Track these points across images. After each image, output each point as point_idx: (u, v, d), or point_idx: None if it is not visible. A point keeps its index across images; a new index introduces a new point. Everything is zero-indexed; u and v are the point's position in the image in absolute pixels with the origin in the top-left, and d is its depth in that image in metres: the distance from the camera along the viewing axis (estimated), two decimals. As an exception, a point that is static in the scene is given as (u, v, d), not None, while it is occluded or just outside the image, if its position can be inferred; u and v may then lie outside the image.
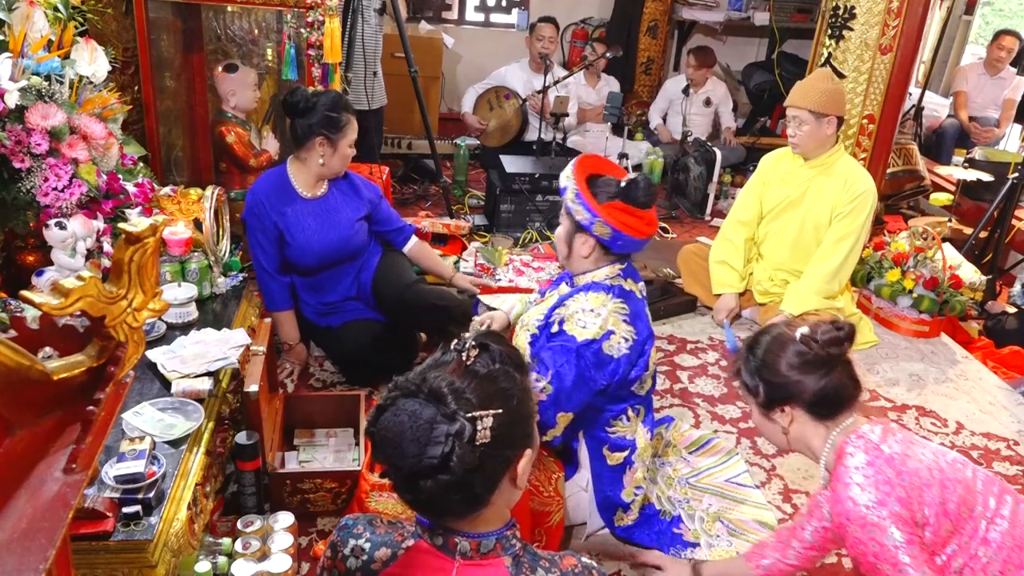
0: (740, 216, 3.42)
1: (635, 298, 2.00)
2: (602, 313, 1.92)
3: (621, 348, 1.92)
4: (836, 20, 3.57)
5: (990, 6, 7.67)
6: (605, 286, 1.97)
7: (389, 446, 1.05)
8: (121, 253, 1.05)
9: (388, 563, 1.13)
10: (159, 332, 2.06)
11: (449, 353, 1.12)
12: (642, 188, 1.93)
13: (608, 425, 2.03)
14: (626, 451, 2.06)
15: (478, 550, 1.11)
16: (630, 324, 1.94)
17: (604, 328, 1.91)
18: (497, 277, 3.49)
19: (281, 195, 2.56)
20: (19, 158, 1.88)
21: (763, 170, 3.41)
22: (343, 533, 1.19)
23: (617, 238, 1.93)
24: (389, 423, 1.05)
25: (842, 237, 3.17)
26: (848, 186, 3.16)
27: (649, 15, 6.12)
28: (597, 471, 2.07)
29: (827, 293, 3.20)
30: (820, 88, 3.08)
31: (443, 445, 1.02)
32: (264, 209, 2.53)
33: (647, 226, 1.96)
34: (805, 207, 3.25)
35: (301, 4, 2.82)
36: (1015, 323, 3.52)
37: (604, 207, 1.91)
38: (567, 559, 1.16)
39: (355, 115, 2.58)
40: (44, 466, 0.93)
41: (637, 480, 2.10)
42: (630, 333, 1.94)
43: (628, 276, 2.02)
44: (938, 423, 2.86)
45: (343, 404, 2.41)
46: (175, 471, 1.61)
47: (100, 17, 2.62)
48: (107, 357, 1.02)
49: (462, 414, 1.03)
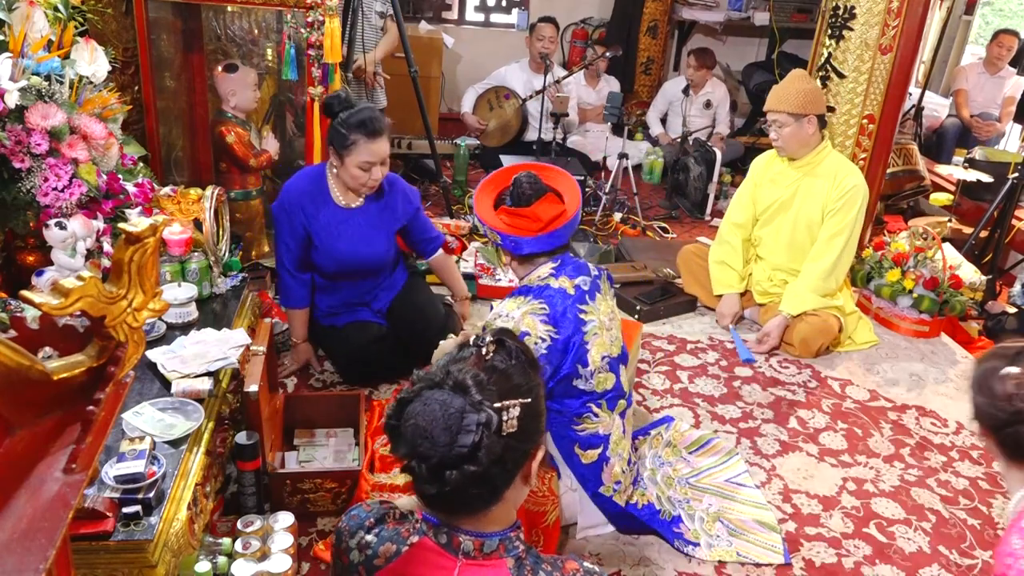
0: (735, 219, 3.43)
1: (563, 295, 1.98)
2: (515, 316, 1.94)
3: (538, 348, 1.92)
4: (836, 20, 3.57)
5: (990, 6, 7.67)
6: (527, 288, 2.00)
7: (420, 435, 1.05)
8: (121, 253, 1.05)
9: (391, 559, 1.13)
10: (159, 332, 2.06)
11: (468, 349, 1.14)
12: (524, 187, 1.98)
13: (574, 424, 2.03)
14: (599, 447, 2.05)
15: (481, 550, 1.11)
16: (549, 324, 1.94)
17: (517, 330, 1.91)
18: (497, 277, 3.49)
19: (314, 197, 2.56)
20: (19, 158, 1.88)
21: (754, 172, 3.42)
22: (352, 523, 1.19)
23: (508, 240, 1.99)
24: (419, 412, 1.06)
25: (835, 234, 3.18)
26: (837, 182, 3.17)
27: (649, 15, 6.11)
28: (575, 470, 2.07)
29: (824, 291, 3.20)
30: (795, 89, 3.11)
31: (474, 434, 1.04)
32: (295, 208, 2.53)
33: (534, 222, 1.98)
34: (796, 208, 3.26)
35: (301, 4, 2.82)
36: (1015, 323, 3.52)
37: (494, 215, 1.98)
38: (569, 563, 1.16)
39: (379, 136, 2.44)
40: (44, 466, 0.93)
41: (616, 475, 2.09)
42: (548, 332, 1.94)
43: (561, 273, 2.01)
44: (938, 423, 2.86)
45: (343, 404, 2.41)
46: (175, 471, 1.61)
47: (100, 17, 2.62)
48: (107, 357, 1.02)
49: (488, 404, 1.05)
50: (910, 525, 2.34)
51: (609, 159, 4.86)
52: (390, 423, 1.10)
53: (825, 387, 3.03)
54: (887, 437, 2.75)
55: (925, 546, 2.26)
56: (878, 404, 2.95)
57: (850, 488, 2.47)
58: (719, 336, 3.33)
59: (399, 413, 1.09)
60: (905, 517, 2.37)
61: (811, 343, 3.16)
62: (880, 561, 2.19)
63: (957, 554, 2.24)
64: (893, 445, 2.71)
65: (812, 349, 3.18)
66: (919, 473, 2.57)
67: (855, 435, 2.74)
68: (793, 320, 3.19)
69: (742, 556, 2.14)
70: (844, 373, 3.14)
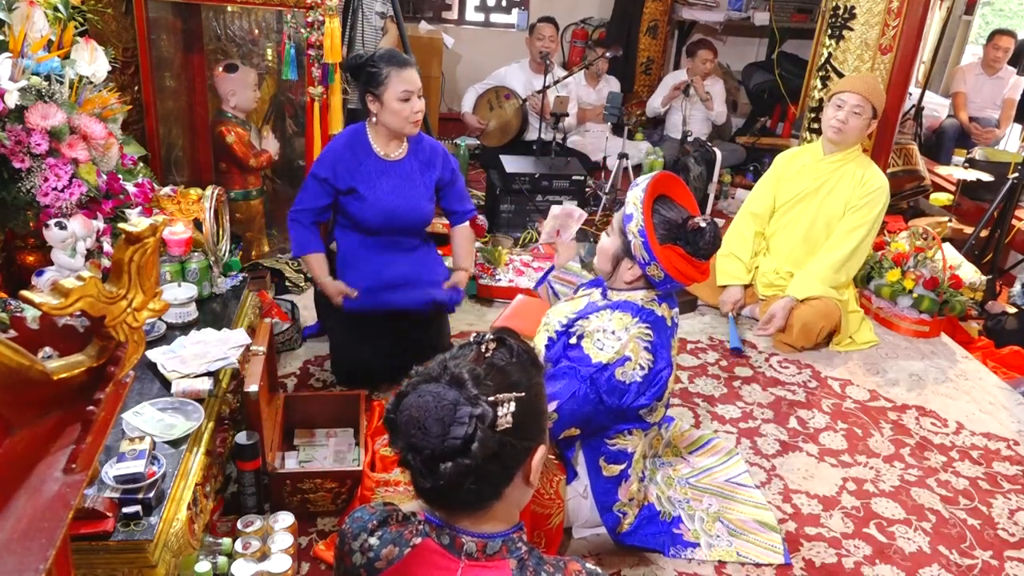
0: (753, 208, 3.45)
1: (663, 326, 1.94)
2: (622, 337, 1.88)
3: (635, 376, 1.87)
4: (836, 20, 3.57)
5: (990, 6, 7.66)
6: (636, 307, 1.93)
7: (413, 426, 1.05)
8: (121, 253, 1.05)
9: (393, 561, 1.13)
10: (159, 332, 2.06)
11: (469, 345, 1.14)
12: (708, 240, 1.86)
13: (608, 438, 2.01)
14: (623, 464, 2.04)
15: (484, 551, 1.11)
16: (650, 353, 1.89)
17: (621, 353, 1.87)
18: (497, 277, 3.49)
19: (355, 151, 2.57)
20: (19, 158, 1.88)
21: (778, 166, 3.43)
22: (356, 525, 1.19)
23: (667, 282, 1.90)
24: (413, 404, 1.07)
25: (854, 228, 3.21)
26: (864, 182, 3.21)
27: (649, 15, 6.11)
28: (593, 481, 2.06)
29: (833, 283, 3.23)
30: (879, 89, 3.15)
31: (466, 426, 1.04)
32: (332, 162, 2.55)
33: (700, 275, 1.91)
34: (819, 200, 3.28)
35: (301, 4, 2.82)
36: (1015, 323, 3.52)
37: (663, 250, 1.86)
38: (571, 565, 1.16)
39: (408, 66, 2.49)
40: (44, 466, 0.93)
41: (631, 492, 2.08)
42: (648, 361, 1.88)
43: (664, 301, 1.98)
44: (938, 423, 2.86)
45: (343, 404, 2.41)
46: (175, 471, 1.61)
47: (100, 17, 2.62)
48: (107, 357, 1.02)
49: (483, 398, 1.06)
50: (910, 525, 2.34)
51: (609, 159, 4.86)
52: (388, 416, 1.11)
53: (825, 387, 3.03)
54: (887, 437, 2.75)
55: (925, 546, 2.26)
56: (878, 404, 2.95)
57: (850, 488, 2.47)
58: (719, 336, 3.33)
59: (396, 406, 1.10)
60: (905, 517, 2.37)
61: (812, 327, 3.16)
62: (880, 561, 2.19)
63: (957, 554, 2.24)
64: (893, 445, 2.71)
65: (812, 334, 3.18)
66: (919, 473, 2.57)
67: (855, 435, 2.74)
68: (797, 304, 3.20)
69: (742, 556, 2.14)
70: (844, 373, 3.14)
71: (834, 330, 3.26)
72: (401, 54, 2.55)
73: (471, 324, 3.21)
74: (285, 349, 2.82)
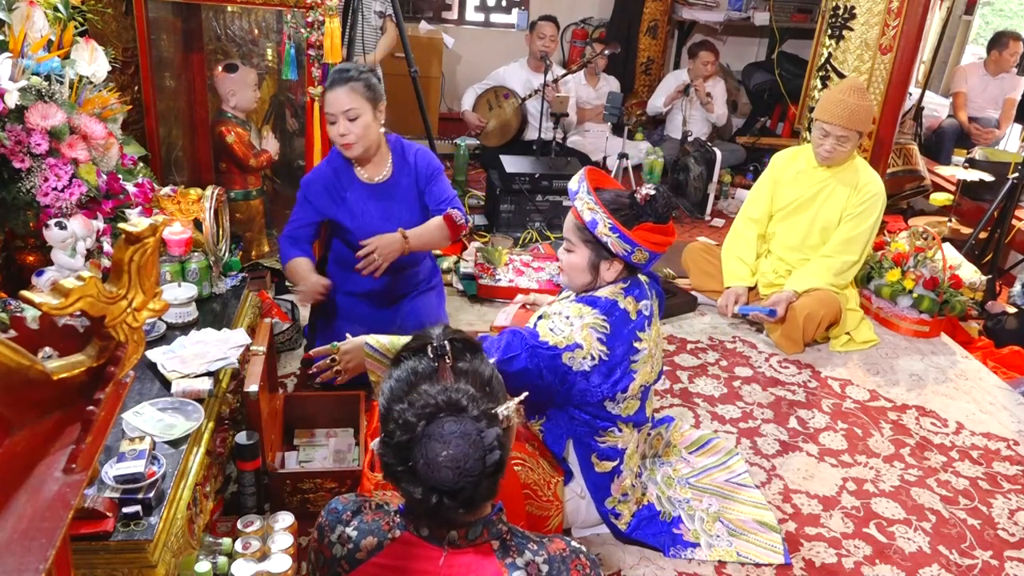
0: (751, 213, 3.45)
1: (625, 319, 1.94)
2: (575, 324, 1.89)
3: (583, 364, 1.88)
4: (836, 20, 3.57)
5: (990, 6, 7.66)
6: (593, 299, 1.95)
7: (453, 474, 1.06)
8: (121, 253, 1.05)
9: (374, 552, 1.14)
10: (159, 332, 2.06)
11: (424, 360, 1.14)
12: (662, 201, 1.90)
13: (598, 435, 2.01)
14: (615, 460, 2.04)
15: (466, 537, 1.13)
16: (605, 345, 1.89)
17: (571, 340, 1.87)
18: (497, 277, 3.49)
19: (339, 175, 2.55)
20: (19, 158, 1.88)
21: (775, 168, 3.43)
22: (331, 517, 1.20)
23: (651, 260, 1.95)
24: (445, 457, 1.06)
25: (853, 238, 3.23)
26: (860, 188, 3.22)
27: (649, 15, 6.11)
28: (588, 478, 2.06)
29: (832, 284, 3.25)
30: (861, 106, 3.12)
31: (497, 448, 1.09)
32: (317, 187, 2.54)
33: (671, 236, 1.95)
34: (816, 209, 3.28)
35: (301, 4, 2.82)
36: (1015, 323, 3.52)
37: (636, 233, 1.88)
38: (556, 542, 1.18)
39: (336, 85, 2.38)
40: (44, 466, 0.93)
41: (624, 487, 2.08)
42: (600, 352, 1.89)
43: (629, 294, 1.97)
44: (938, 423, 2.86)
45: (343, 404, 2.41)
46: (175, 471, 1.61)
47: (100, 17, 2.62)
48: (107, 357, 1.02)
49: (489, 411, 1.10)
50: (910, 525, 2.34)
51: (609, 159, 4.86)
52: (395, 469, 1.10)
53: (825, 387, 3.04)
54: (887, 437, 2.75)
55: (925, 546, 2.26)
56: (878, 404, 2.95)
57: (850, 488, 2.47)
58: (719, 336, 3.33)
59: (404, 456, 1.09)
60: (905, 517, 2.37)
61: (814, 316, 3.16)
62: (880, 561, 2.19)
63: (957, 554, 2.24)
64: (893, 445, 2.71)
65: (812, 326, 3.18)
66: (919, 473, 2.57)
67: (855, 435, 2.74)
68: (796, 297, 3.21)
69: (742, 556, 2.14)
70: (844, 373, 3.14)
71: (833, 322, 3.27)
72: (340, 72, 2.40)
73: (471, 324, 3.21)
74: (285, 349, 2.82)
